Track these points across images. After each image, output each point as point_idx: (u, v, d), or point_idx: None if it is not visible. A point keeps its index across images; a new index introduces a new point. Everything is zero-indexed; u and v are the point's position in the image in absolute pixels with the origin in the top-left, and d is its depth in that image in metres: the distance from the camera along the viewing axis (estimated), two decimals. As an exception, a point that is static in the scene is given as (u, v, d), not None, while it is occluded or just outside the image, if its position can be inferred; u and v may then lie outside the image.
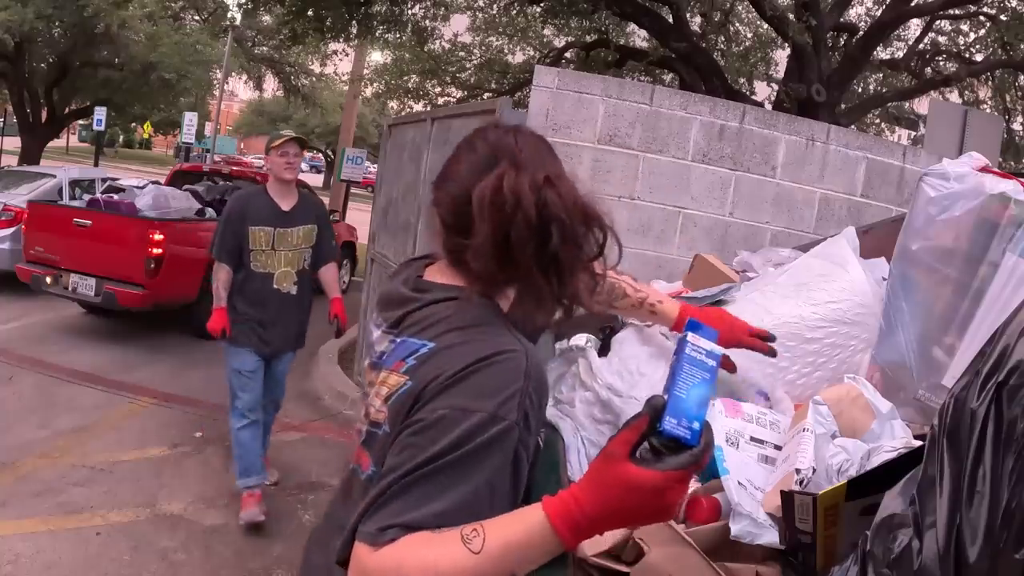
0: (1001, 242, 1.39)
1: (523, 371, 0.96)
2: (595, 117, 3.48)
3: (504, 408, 0.92)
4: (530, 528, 0.85)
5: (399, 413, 0.98)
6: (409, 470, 0.90)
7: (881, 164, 3.70)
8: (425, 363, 0.99)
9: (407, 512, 0.88)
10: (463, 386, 0.93)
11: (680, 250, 3.52)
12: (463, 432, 0.90)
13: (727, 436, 1.31)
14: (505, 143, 1.07)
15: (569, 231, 0.98)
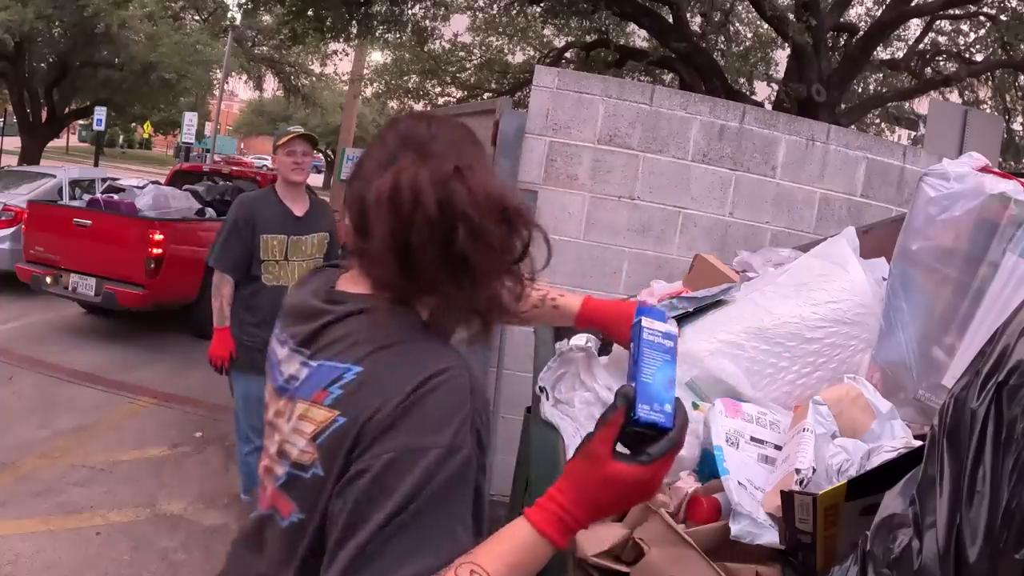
0: (1001, 242, 1.39)
1: (468, 390, 0.88)
2: (595, 117, 3.48)
3: (458, 438, 0.84)
4: (523, 545, 0.83)
5: (335, 455, 0.86)
6: (377, 528, 0.81)
7: (881, 164, 3.70)
8: (355, 393, 0.87)
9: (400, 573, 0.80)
10: (408, 422, 0.84)
11: (680, 250, 3.52)
12: (421, 475, 0.81)
13: (727, 436, 1.31)
14: (414, 133, 0.96)
15: (479, 229, 0.87)
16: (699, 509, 1.22)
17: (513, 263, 0.91)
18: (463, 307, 0.91)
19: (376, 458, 0.83)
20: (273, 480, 0.97)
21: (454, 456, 0.83)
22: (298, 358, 0.97)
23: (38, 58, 16.09)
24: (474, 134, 1.03)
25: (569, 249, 3.53)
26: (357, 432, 0.85)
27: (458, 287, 0.89)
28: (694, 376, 1.60)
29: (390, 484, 0.82)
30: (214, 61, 18.40)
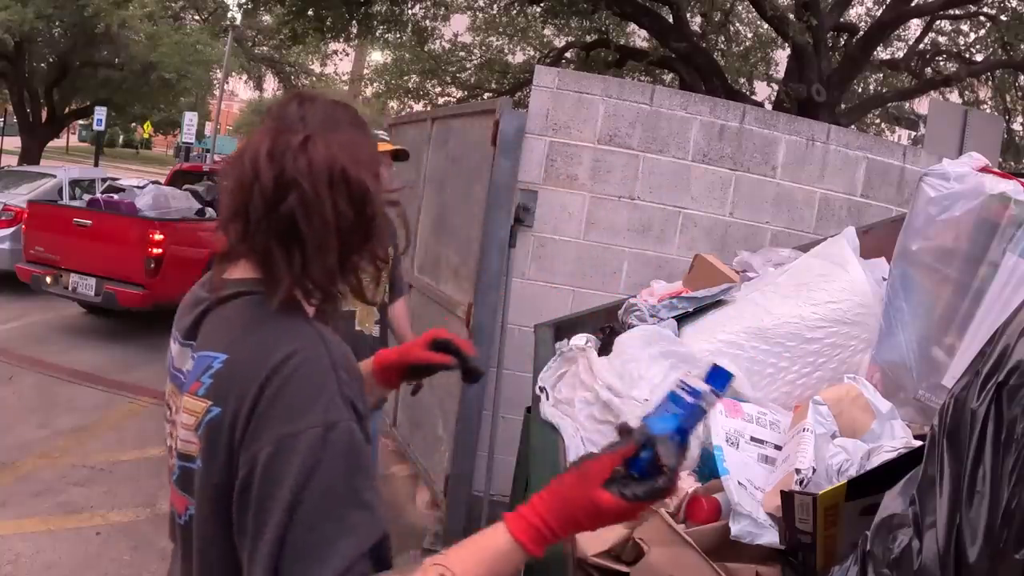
0: (1001, 242, 1.39)
1: (329, 364, 0.87)
2: (595, 117, 3.48)
3: (331, 413, 0.84)
4: (497, 552, 0.83)
5: (214, 445, 0.86)
6: (282, 526, 0.80)
7: (881, 164, 3.70)
8: (222, 382, 0.87)
9: (324, 569, 0.79)
10: (277, 409, 0.83)
11: (680, 250, 3.52)
12: (305, 458, 0.81)
13: (727, 436, 1.31)
14: (283, 110, 0.95)
15: (310, 200, 0.86)
16: (699, 509, 1.22)
17: (355, 240, 0.90)
18: (295, 279, 0.89)
19: (257, 455, 0.82)
20: (170, 477, 0.96)
21: (333, 431, 0.83)
22: (187, 351, 0.97)
23: (38, 58, 16.09)
24: (358, 116, 1.00)
25: (569, 249, 3.53)
26: (229, 427, 0.85)
27: (289, 258, 0.88)
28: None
29: (279, 476, 0.80)
30: (214, 61, 18.39)
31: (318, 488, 0.81)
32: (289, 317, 0.91)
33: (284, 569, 0.79)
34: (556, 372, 1.70)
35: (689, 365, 1.61)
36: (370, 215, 0.91)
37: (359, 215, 0.89)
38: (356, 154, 0.91)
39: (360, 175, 0.90)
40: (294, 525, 0.80)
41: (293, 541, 0.79)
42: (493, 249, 3.45)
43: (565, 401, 1.62)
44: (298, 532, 0.80)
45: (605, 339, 1.94)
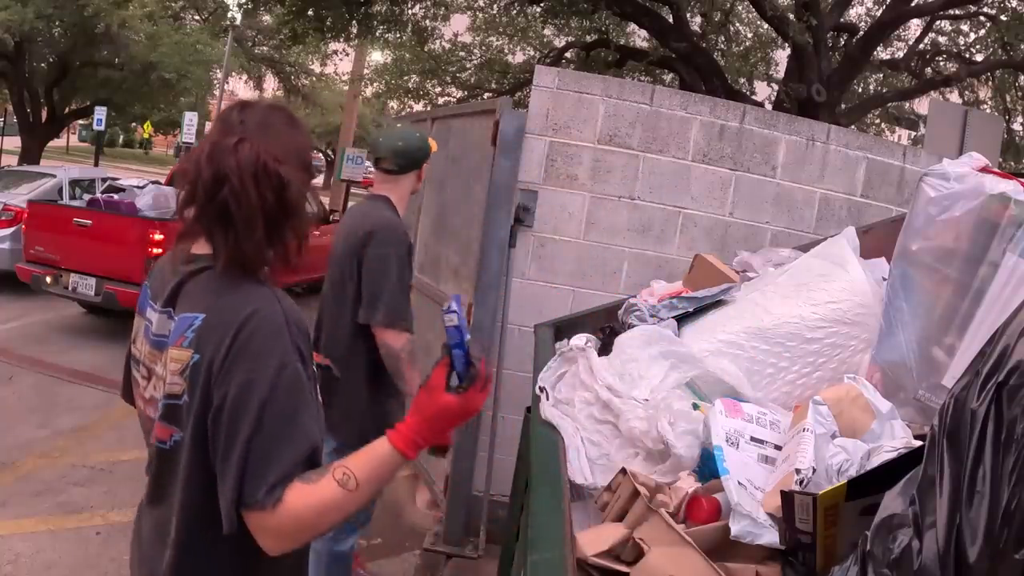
0: (1001, 242, 1.39)
1: (282, 317, 1.15)
2: (595, 117, 3.48)
3: (285, 357, 1.13)
4: (384, 459, 1.14)
5: (195, 385, 1.13)
6: (247, 439, 1.08)
7: (881, 164, 3.70)
8: (202, 335, 1.14)
9: (274, 470, 1.08)
10: (244, 357, 1.11)
11: (680, 250, 3.52)
12: (265, 390, 1.09)
13: (727, 436, 1.31)
14: (228, 118, 1.22)
15: (238, 190, 1.12)
16: (699, 509, 1.22)
17: (279, 219, 1.16)
18: (231, 251, 1.15)
19: (228, 388, 1.10)
20: (153, 414, 1.23)
21: (286, 369, 1.12)
22: (165, 317, 1.22)
23: (38, 58, 16.08)
24: (292, 118, 1.28)
25: (569, 249, 3.53)
26: (208, 367, 1.12)
27: (225, 235, 1.15)
28: (694, 376, 1.60)
29: (246, 404, 1.09)
30: (214, 61, 18.38)
31: (273, 413, 1.09)
32: (251, 283, 1.18)
33: (248, 472, 1.08)
34: (556, 372, 1.70)
35: (689, 365, 1.61)
36: (289, 199, 1.16)
37: (279, 200, 1.15)
38: (279, 152, 1.17)
39: (279, 169, 1.15)
40: (256, 439, 1.08)
41: (255, 451, 1.08)
42: (493, 249, 3.45)
43: (565, 401, 1.62)
44: (258, 443, 1.08)
45: (605, 339, 1.94)
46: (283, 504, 1.07)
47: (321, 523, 1.10)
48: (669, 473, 1.34)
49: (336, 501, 1.09)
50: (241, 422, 1.09)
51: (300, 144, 1.26)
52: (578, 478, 1.44)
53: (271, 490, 1.07)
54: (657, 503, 1.21)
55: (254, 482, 1.07)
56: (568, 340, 1.81)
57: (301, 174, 1.22)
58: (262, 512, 1.07)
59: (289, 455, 1.09)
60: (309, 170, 1.29)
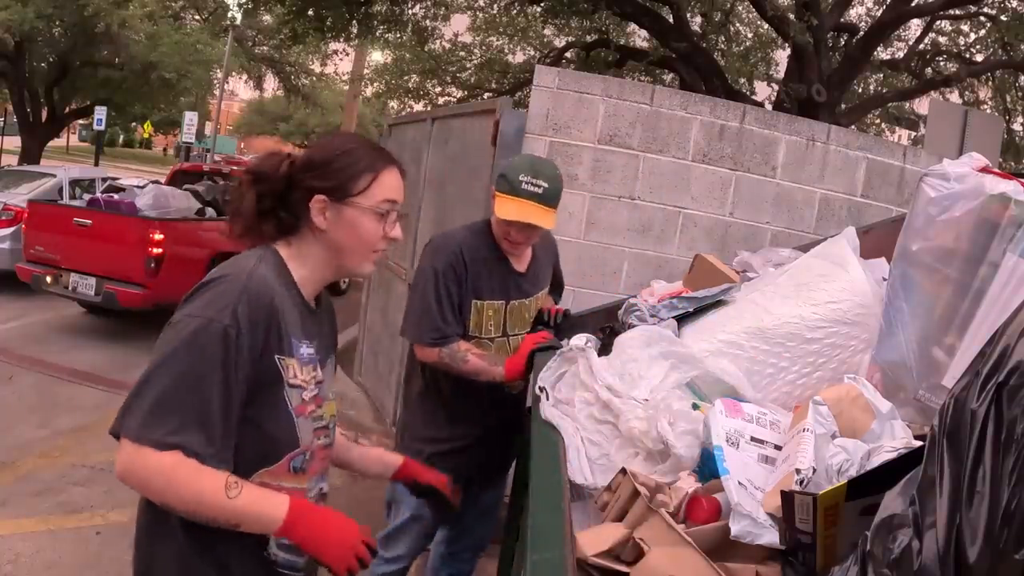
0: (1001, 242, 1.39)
1: (241, 287, 1.21)
2: (595, 117, 3.48)
3: (219, 313, 1.17)
4: (270, 513, 1.18)
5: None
6: (152, 369, 1.16)
7: (881, 164, 3.70)
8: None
9: (134, 422, 1.14)
10: (192, 300, 1.22)
11: (680, 250, 3.52)
12: (187, 332, 1.17)
13: (727, 436, 1.31)
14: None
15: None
16: (699, 509, 1.22)
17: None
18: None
19: (171, 321, 1.23)
20: None
21: (212, 325, 1.17)
22: None
23: (38, 58, 16.08)
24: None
25: (569, 249, 3.53)
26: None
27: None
28: (694, 376, 1.60)
29: (169, 338, 1.19)
30: (214, 61, 18.39)
31: (182, 355, 1.17)
32: (253, 263, 1.27)
33: (122, 414, 1.16)
34: (556, 372, 1.70)
35: (689, 365, 1.61)
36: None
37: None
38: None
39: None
40: (143, 383, 1.16)
41: (135, 393, 1.15)
42: (493, 249, 3.45)
43: (565, 401, 1.62)
44: (142, 389, 1.15)
45: (605, 339, 1.94)
46: (166, 455, 1.12)
47: (172, 490, 1.13)
48: (669, 473, 1.34)
49: (214, 495, 1.14)
50: (156, 355, 1.18)
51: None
52: (578, 478, 1.44)
53: (164, 438, 1.12)
54: (657, 503, 1.21)
55: (133, 415, 1.14)
56: (568, 340, 1.81)
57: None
58: (134, 445, 1.13)
59: (166, 421, 1.13)
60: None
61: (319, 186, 1.29)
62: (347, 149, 1.33)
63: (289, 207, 1.32)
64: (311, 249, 1.33)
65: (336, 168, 1.30)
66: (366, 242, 1.33)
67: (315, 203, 1.29)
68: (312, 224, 1.31)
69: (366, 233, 1.32)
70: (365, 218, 1.31)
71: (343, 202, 1.30)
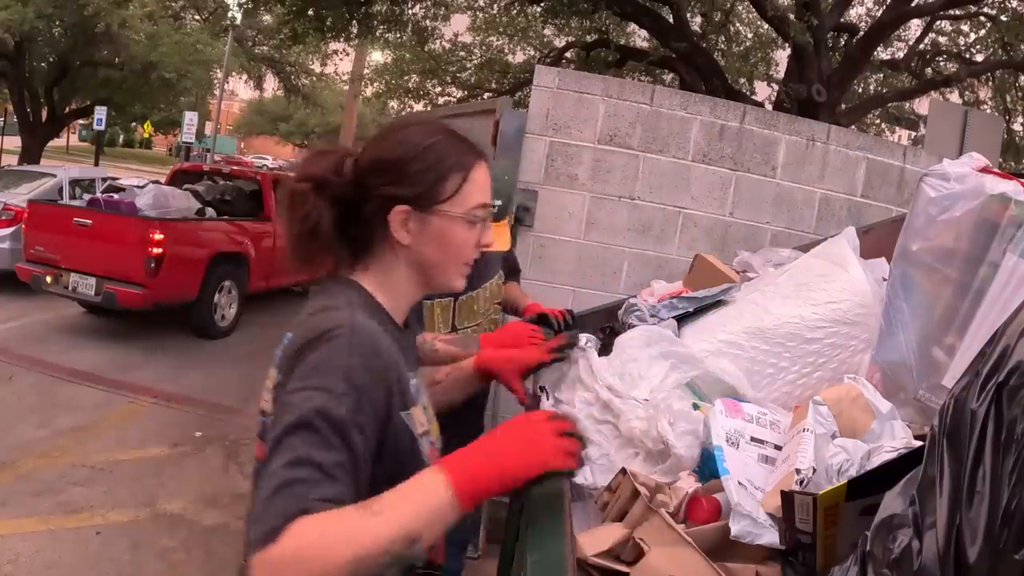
0: (1001, 242, 1.39)
1: (347, 347, 0.95)
2: (595, 117, 3.48)
3: (333, 383, 0.91)
4: (420, 482, 0.89)
5: (275, 403, 1.00)
6: (271, 471, 0.87)
7: (881, 164, 3.70)
8: (286, 355, 1.00)
9: (274, 516, 0.83)
10: (298, 371, 0.94)
11: (680, 250, 3.53)
12: (301, 413, 0.88)
13: (727, 436, 1.31)
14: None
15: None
16: (699, 509, 1.22)
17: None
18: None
19: (278, 404, 0.95)
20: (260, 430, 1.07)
21: (331, 398, 0.90)
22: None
23: (38, 57, 16.08)
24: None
25: (569, 249, 3.53)
26: (280, 383, 0.98)
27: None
28: (694, 376, 1.60)
29: (282, 421, 0.89)
30: (214, 61, 18.39)
31: (299, 437, 0.87)
32: (348, 303, 1.03)
33: (256, 514, 0.84)
34: (556, 372, 1.70)
35: (689, 365, 1.61)
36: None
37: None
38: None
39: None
40: (269, 478, 0.85)
41: (262, 488, 0.86)
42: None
43: (565, 401, 1.62)
44: (267, 482, 0.85)
45: (605, 339, 1.94)
46: (284, 533, 0.82)
47: (328, 550, 0.80)
48: (669, 473, 1.34)
49: (349, 522, 0.82)
50: (270, 446, 0.90)
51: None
52: (578, 478, 1.44)
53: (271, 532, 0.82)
54: (657, 503, 1.21)
55: (258, 525, 0.84)
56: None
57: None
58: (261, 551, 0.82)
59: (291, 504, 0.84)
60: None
61: (399, 193, 1.05)
62: (429, 144, 1.08)
63: (359, 221, 1.07)
64: (395, 271, 1.09)
65: (418, 169, 1.06)
66: (457, 255, 1.10)
67: (396, 215, 1.05)
68: (392, 239, 1.07)
69: (457, 245, 1.09)
70: (456, 228, 1.08)
71: (429, 211, 1.06)
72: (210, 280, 6.81)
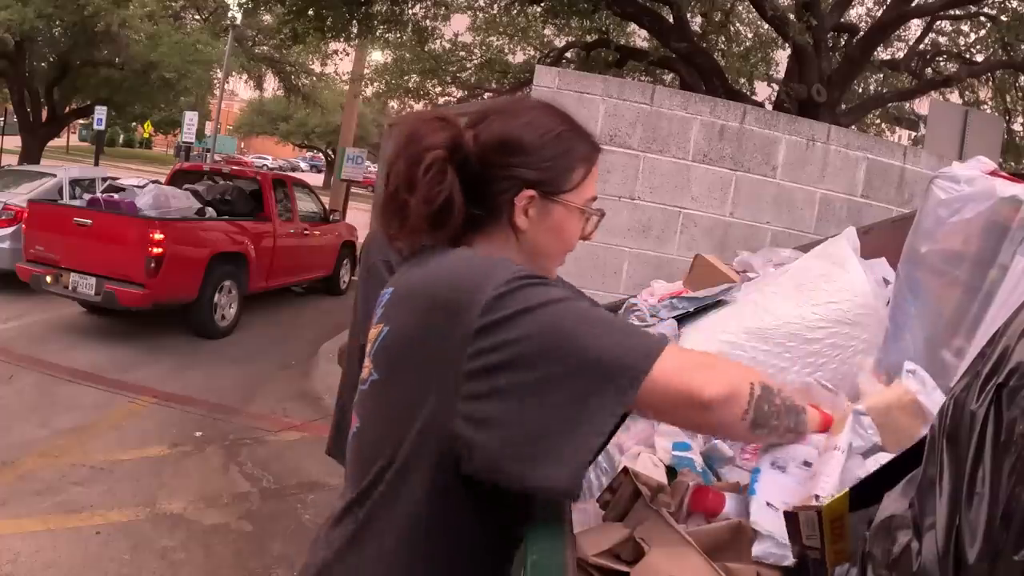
0: (1011, 245, 1.38)
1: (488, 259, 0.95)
2: (595, 117, 3.48)
3: (512, 269, 0.91)
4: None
5: (390, 357, 0.95)
6: (596, 337, 0.86)
7: (881, 164, 3.70)
8: (394, 306, 0.96)
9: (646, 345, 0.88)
10: (511, 303, 0.87)
11: (680, 250, 3.53)
12: (576, 314, 0.87)
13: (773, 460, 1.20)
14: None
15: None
16: (704, 499, 1.22)
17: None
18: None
19: (511, 341, 0.85)
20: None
21: (537, 279, 0.90)
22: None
23: (38, 57, 16.08)
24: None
25: (569, 249, 3.53)
26: (410, 336, 0.93)
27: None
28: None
29: (563, 329, 0.86)
30: (214, 61, 18.37)
31: (595, 318, 0.91)
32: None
33: (628, 349, 0.88)
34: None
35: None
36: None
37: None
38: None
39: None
40: (605, 337, 0.89)
41: (612, 344, 0.89)
42: (493, 249, 3.45)
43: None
44: (608, 338, 0.89)
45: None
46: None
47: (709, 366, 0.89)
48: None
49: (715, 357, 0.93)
50: (572, 339, 0.86)
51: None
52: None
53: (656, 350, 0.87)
54: (658, 503, 1.21)
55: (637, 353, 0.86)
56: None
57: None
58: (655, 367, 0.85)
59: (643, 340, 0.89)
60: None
61: (528, 176, 1.03)
62: (559, 131, 1.06)
63: (478, 197, 1.03)
64: (503, 253, 1.03)
65: (551, 156, 1.04)
66: (566, 245, 1.10)
67: (522, 198, 1.03)
68: (510, 220, 1.04)
69: (570, 236, 1.09)
70: (572, 218, 1.08)
71: (553, 199, 1.05)
72: (210, 280, 6.80)
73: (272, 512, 3.70)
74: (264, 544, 3.49)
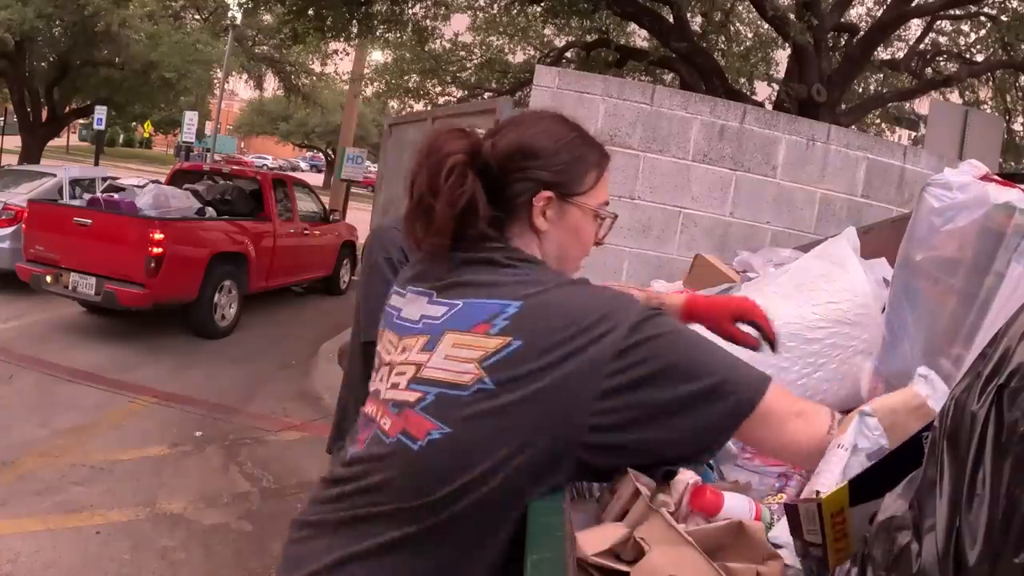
0: (1006, 252, 1.38)
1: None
2: (595, 117, 3.48)
3: (630, 300, 1.02)
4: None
5: (517, 372, 0.95)
6: (708, 359, 1.01)
7: (881, 164, 3.70)
8: (521, 321, 0.98)
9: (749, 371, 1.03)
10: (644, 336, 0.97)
11: (680, 250, 3.53)
12: (687, 340, 1.02)
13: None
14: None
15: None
16: (702, 497, 1.22)
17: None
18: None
19: (650, 359, 0.97)
20: (401, 408, 1.01)
21: (650, 311, 1.01)
22: (423, 299, 1.07)
23: (38, 57, 16.07)
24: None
25: (569, 249, 3.53)
26: (538, 350, 0.96)
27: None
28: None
29: (683, 353, 1.00)
30: (214, 60, 18.36)
31: (703, 346, 1.08)
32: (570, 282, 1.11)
33: (737, 379, 1.03)
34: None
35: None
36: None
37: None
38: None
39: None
40: (717, 359, 1.05)
41: (723, 366, 1.04)
42: (493, 249, 3.45)
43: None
44: (718, 360, 1.05)
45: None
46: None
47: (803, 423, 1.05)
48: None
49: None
50: (704, 354, 1.02)
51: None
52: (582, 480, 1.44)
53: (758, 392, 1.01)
54: (658, 503, 1.21)
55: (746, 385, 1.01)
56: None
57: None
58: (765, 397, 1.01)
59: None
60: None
61: (545, 179, 1.10)
62: (572, 138, 1.16)
63: (499, 201, 1.08)
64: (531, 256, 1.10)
65: (566, 159, 1.13)
66: (583, 247, 1.17)
67: (540, 199, 1.09)
68: (528, 223, 1.10)
69: (586, 238, 1.17)
70: (586, 220, 1.16)
71: (569, 200, 1.13)
72: (210, 280, 6.80)
73: (272, 512, 3.71)
74: (264, 544, 3.49)
